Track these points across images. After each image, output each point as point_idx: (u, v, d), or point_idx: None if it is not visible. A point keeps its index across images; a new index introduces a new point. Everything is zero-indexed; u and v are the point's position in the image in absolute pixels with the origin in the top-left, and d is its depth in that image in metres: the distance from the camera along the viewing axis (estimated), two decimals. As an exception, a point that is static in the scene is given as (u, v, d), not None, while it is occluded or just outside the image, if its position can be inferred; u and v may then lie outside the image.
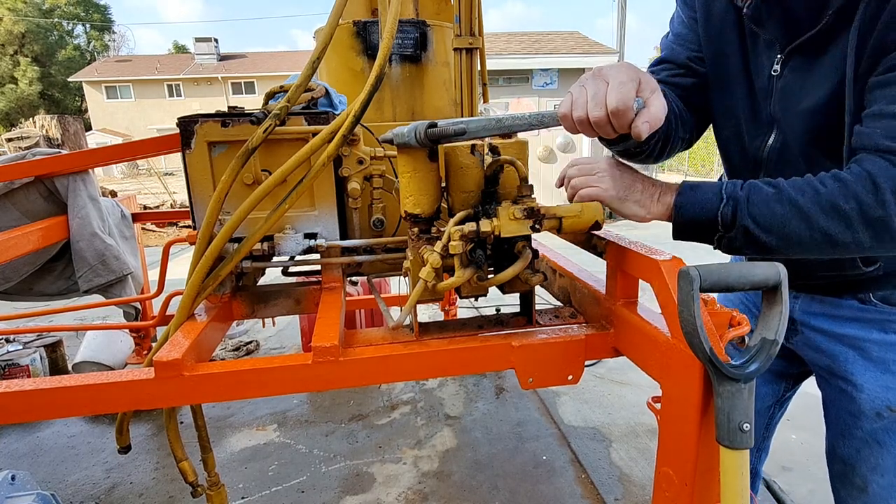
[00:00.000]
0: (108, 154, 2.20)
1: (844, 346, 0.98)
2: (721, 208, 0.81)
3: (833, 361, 1.00)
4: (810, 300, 1.04)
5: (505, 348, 0.95)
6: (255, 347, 3.78)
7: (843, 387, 0.99)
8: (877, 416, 0.94)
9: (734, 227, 0.81)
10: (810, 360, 1.08)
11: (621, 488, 2.17)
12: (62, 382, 0.91)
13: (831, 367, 1.01)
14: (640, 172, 0.92)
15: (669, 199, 0.86)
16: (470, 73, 1.79)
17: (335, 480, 2.26)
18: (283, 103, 1.05)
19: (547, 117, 0.81)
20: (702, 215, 0.83)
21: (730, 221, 0.81)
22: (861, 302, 0.96)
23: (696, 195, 0.84)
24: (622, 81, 0.69)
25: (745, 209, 0.80)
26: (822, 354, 1.03)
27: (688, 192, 0.85)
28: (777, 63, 0.91)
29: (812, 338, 1.04)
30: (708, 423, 0.69)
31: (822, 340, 1.02)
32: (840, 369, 0.99)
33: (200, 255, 1.09)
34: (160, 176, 13.56)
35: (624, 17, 9.40)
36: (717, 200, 0.82)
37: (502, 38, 10.53)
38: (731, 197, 0.81)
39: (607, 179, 0.89)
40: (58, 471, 2.39)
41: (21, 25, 33.83)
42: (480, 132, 0.85)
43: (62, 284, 2.32)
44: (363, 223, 1.39)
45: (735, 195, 0.81)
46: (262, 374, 0.93)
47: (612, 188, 0.88)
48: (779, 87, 0.91)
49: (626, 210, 0.90)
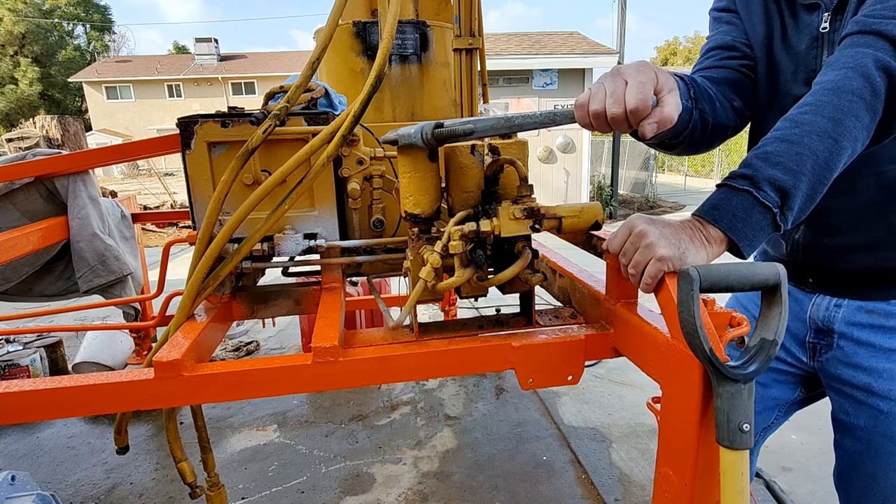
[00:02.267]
0: (109, 154, 2.19)
1: (893, 362, 0.91)
2: (776, 219, 0.74)
3: (874, 379, 0.92)
4: (857, 310, 0.96)
5: (505, 349, 0.94)
6: (255, 348, 3.78)
7: (884, 407, 0.91)
8: None
9: (798, 226, 0.81)
10: (840, 378, 0.99)
11: (621, 489, 2.17)
12: (62, 383, 0.92)
13: (870, 386, 0.93)
14: (667, 220, 0.81)
15: (718, 233, 0.76)
16: (470, 73, 1.79)
17: (335, 481, 2.26)
18: (283, 104, 1.05)
19: (559, 115, 0.78)
20: (762, 236, 0.75)
21: (791, 223, 0.75)
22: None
23: (746, 221, 0.74)
24: (641, 81, 0.68)
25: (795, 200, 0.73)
26: (861, 371, 0.95)
27: (739, 227, 0.74)
28: (825, 21, 0.90)
29: (853, 352, 0.96)
30: (708, 423, 0.69)
31: (867, 355, 0.94)
32: (883, 388, 0.91)
33: (200, 256, 1.09)
34: (160, 176, 13.56)
35: (624, 18, 9.40)
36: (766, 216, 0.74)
37: (502, 39, 10.54)
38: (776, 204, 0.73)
39: (659, 246, 0.75)
40: (58, 471, 2.39)
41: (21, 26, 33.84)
42: (489, 132, 0.82)
43: (62, 285, 2.32)
44: (363, 223, 1.39)
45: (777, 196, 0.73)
46: (262, 375, 0.93)
47: (668, 251, 0.75)
48: (831, 41, 0.90)
49: (692, 262, 0.80)
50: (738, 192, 0.74)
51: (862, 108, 0.73)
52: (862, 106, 0.73)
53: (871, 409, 0.94)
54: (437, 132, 0.85)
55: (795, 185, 0.73)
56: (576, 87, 9.73)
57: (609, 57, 9.43)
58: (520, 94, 9.69)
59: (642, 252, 0.75)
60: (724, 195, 0.76)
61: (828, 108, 0.74)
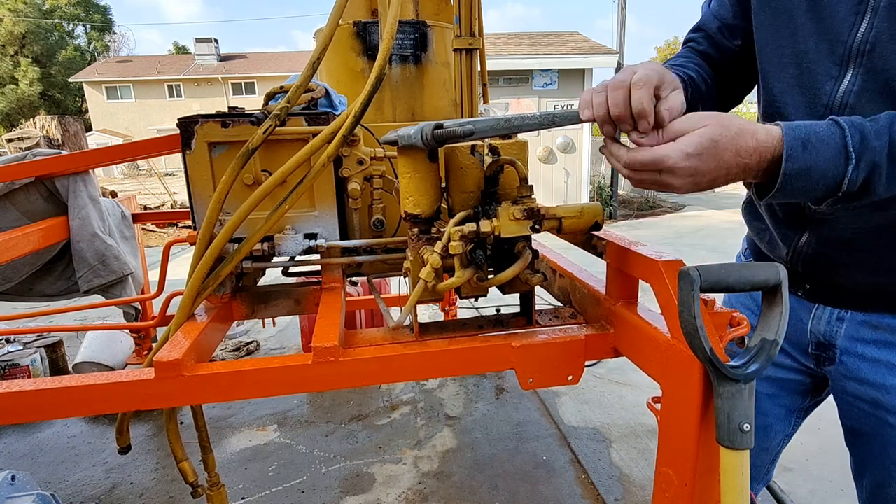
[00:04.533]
0: (109, 154, 2.19)
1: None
2: (849, 174, 0.64)
3: (882, 394, 0.89)
4: (860, 325, 0.91)
5: (505, 349, 0.95)
6: (255, 348, 3.78)
7: (893, 421, 0.88)
8: None
9: (866, 195, 0.65)
10: (847, 392, 0.96)
11: (621, 489, 2.17)
12: (62, 383, 0.92)
13: (879, 401, 0.90)
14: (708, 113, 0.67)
15: (768, 159, 0.66)
16: (470, 73, 1.79)
17: (335, 481, 2.26)
18: (284, 104, 1.05)
19: (559, 116, 0.76)
20: (819, 184, 0.65)
21: (858, 189, 0.65)
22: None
23: (812, 157, 0.64)
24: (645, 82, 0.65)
25: (887, 173, 0.63)
26: (868, 386, 0.91)
27: (800, 154, 0.64)
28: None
29: (857, 368, 0.92)
30: (708, 423, 0.69)
31: (873, 370, 0.90)
32: (891, 403, 0.88)
33: (201, 256, 1.09)
34: (160, 176, 13.56)
35: (624, 18, 9.40)
36: (842, 161, 0.64)
37: (502, 39, 10.54)
38: (861, 155, 0.63)
39: (679, 188, 0.68)
40: (58, 471, 2.39)
41: (21, 26, 33.86)
42: (489, 132, 0.80)
43: (62, 285, 2.32)
44: (363, 223, 1.39)
45: (869, 152, 0.63)
46: (263, 375, 0.93)
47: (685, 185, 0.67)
48: (883, 6, 0.76)
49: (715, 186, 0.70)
50: (846, 160, 0.64)
51: None
52: None
53: (878, 420, 0.91)
54: (437, 133, 0.84)
55: (881, 155, 0.63)
56: (576, 87, 9.73)
57: (609, 57, 9.43)
58: (520, 94, 9.69)
59: (654, 178, 0.69)
60: (830, 155, 0.65)
61: None
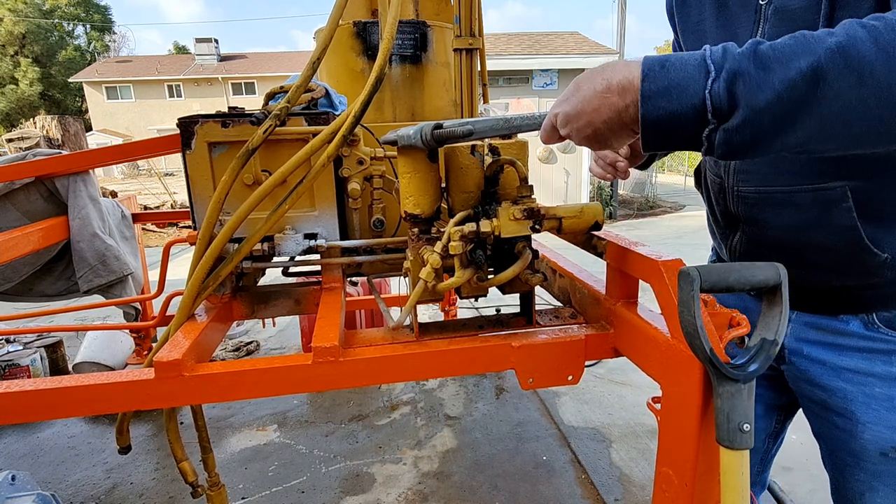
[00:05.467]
0: (109, 154, 2.20)
1: (844, 380, 0.87)
2: (709, 86, 0.57)
3: (829, 396, 0.89)
4: (805, 326, 0.91)
5: (505, 349, 0.95)
6: (255, 348, 3.78)
7: (840, 424, 0.89)
8: (882, 457, 0.85)
9: (735, 111, 0.57)
10: (800, 391, 0.97)
11: (621, 489, 2.16)
12: (62, 383, 0.92)
13: (826, 402, 0.90)
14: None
15: (633, 91, 0.61)
16: (470, 73, 1.79)
17: (335, 481, 2.26)
18: (284, 104, 1.05)
19: None
20: (683, 105, 0.58)
21: (726, 107, 0.57)
22: (865, 326, 0.84)
23: (670, 75, 0.59)
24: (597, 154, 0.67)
25: (752, 77, 0.55)
26: (816, 388, 0.91)
27: (657, 73, 0.59)
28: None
29: (806, 369, 0.92)
30: (708, 423, 0.69)
31: (819, 372, 0.90)
32: (838, 405, 0.88)
33: (201, 256, 1.09)
34: (160, 176, 13.57)
35: (624, 18, 9.40)
36: (702, 75, 0.57)
37: (502, 39, 10.54)
38: (722, 66, 0.57)
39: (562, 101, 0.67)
40: (58, 471, 2.39)
41: (21, 26, 33.86)
42: (488, 132, 0.81)
43: (62, 285, 2.32)
44: (363, 223, 1.39)
45: (729, 61, 0.57)
46: (263, 375, 0.93)
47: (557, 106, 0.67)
48: (771, 13, 0.78)
49: (581, 122, 0.66)
50: (705, 73, 0.58)
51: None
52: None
53: (828, 422, 0.92)
54: (437, 133, 0.85)
55: (780, 121, 0.56)
56: (576, 87, 9.71)
57: (609, 57, 9.43)
58: (520, 94, 9.69)
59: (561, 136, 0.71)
60: (688, 70, 0.59)
61: None
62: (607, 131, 0.65)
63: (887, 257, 0.79)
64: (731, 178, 0.90)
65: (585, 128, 0.66)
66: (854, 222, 0.78)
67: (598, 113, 0.63)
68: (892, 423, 0.83)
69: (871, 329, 0.84)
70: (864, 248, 0.79)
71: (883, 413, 0.84)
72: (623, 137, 0.66)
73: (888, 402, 0.83)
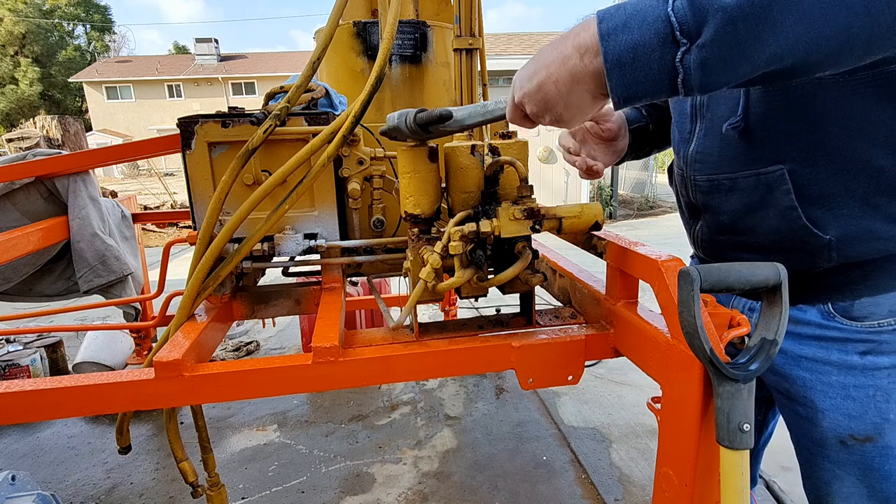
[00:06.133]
0: (109, 154, 2.20)
1: (803, 369, 0.89)
2: (670, 4, 0.53)
3: (791, 385, 0.91)
4: None
5: (505, 349, 0.95)
6: (255, 348, 3.78)
7: (802, 413, 0.91)
8: (840, 445, 0.87)
9: (705, 22, 0.52)
10: (768, 382, 0.98)
11: (621, 489, 2.16)
12: (62, 383, 0.92)
13: (789, 392, 0.92)
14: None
15: (590, 36, 0.58)
16: (470, 73, 1.79)
17: (335, 481, 2.26)
18: (284, 104, 1.05)
19: None
20: (646, 35, 0.54)
21: (693, 24, 0.52)
22: (823, 315, 0.86)
23: (627, 10, 0.56)
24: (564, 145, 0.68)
25: (719, 31, 0.52)
26: (779, 377, 0.93)
27: (612, 13, 0.57)
28: None
29: None
30: (708, 423, 0.69)
31: (781, 362, 0.92)
32: (798, 394, 0.90)
33: (201, 256, 1.09)
34: (160, 176, 13.57)
35: (624, 18, 9.41)
36: (663, 26, 0.54)
37: (502, 39, 10.55)
38: (683, 18, 0.53)
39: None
40: (58, 471, 2.39)
41: (22, 26, 33.87)
42: (467, 119, 0.86)
43: (62, 285, 2.32)
44: (363, 223, 1.39)
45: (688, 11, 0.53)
46: (263, 375, 0.93)
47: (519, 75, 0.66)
48: None
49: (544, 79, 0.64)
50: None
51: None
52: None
53: (792, 412, 0.94)
54: (419, 116, 0.88)
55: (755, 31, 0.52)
56: (576, 87, 9.71)
57: (609, 57, 9.42)
58: (520, 94, 9.68)
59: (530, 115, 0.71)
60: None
61: None
62: (550, 80, 0.63)
63: (830, 238, 0.80)
64: (688, 169, 0.94)
65: (536, 92, 0.65)
66: (793, 203, 0.80)
67: (548, 69, 0.63)
68: (847, 412, 0.85)
69: (827, 318, 0.85)
70: (806, 229, 0.81)
71: (839, 401, 0.85)
72: (580, 102, 0.64)
73: (843, 391, 0.85)
